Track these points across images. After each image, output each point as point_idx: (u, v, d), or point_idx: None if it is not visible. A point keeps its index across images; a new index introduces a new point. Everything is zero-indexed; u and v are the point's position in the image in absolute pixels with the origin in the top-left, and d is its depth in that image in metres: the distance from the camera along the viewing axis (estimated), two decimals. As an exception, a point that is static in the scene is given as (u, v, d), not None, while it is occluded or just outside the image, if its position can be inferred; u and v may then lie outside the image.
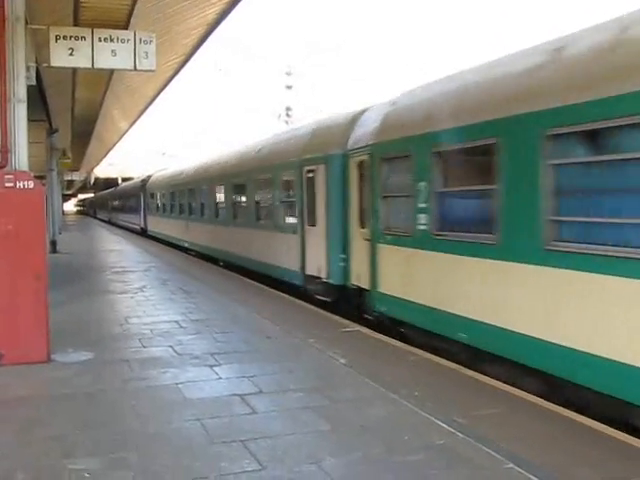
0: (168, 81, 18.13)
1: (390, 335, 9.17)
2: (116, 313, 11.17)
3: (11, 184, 7.51)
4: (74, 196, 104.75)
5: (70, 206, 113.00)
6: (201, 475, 4.49)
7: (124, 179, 59.33)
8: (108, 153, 45.86)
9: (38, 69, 10.45)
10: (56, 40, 9.41)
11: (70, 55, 9.48)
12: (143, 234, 34.97)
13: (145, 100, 21.67)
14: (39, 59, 10.22)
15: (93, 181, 64.99)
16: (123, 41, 9.71)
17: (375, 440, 5.13)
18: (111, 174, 63.30)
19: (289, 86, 59.50)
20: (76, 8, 10.47)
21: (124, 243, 31.03)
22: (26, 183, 7.58)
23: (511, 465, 4.62)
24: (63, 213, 57.14)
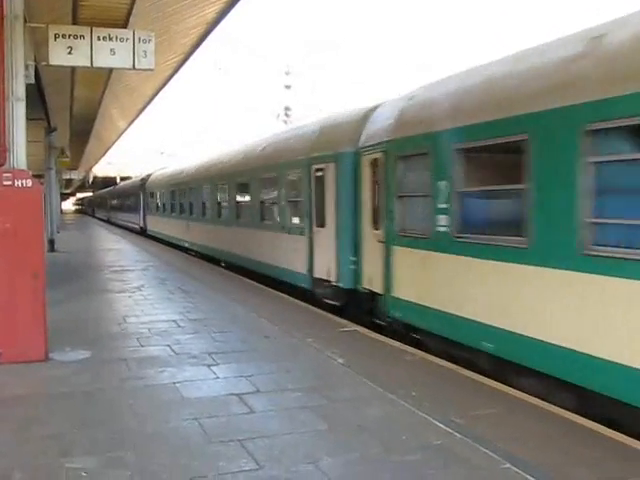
0: (167, 80, 18.11)
1: (404, 342, 8.74)
2: (114, 312, 11.17)
3: (9, 182, 7.51)
4: (72, 195, 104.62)
5: (68, 205, 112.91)
6: (199, 474, 4.50)
7: (122, 178, 59.32)
8: (107, 152, 45.80)
9: (37, 67, 10.48)
10: (55, 39, 9.42)
11: (69, 54, 9.48)
12: (142, 234, 34.70)
13: (144, 99, 21.63)
14: (38, 57, 10.23)
15: (91, 180, 64.97)
16: (122, 40, 9.71)
17: (372, 440, 5.14)
18: (110, 173, 63.33)
19: (288, 86, 59.59)
20: (75, 7, 10.47)
21: (123, 242, 31.00)
22: (24, 182, 7.58)
23: (508, 465, 4.63)
24: (61, 212, 57.06)
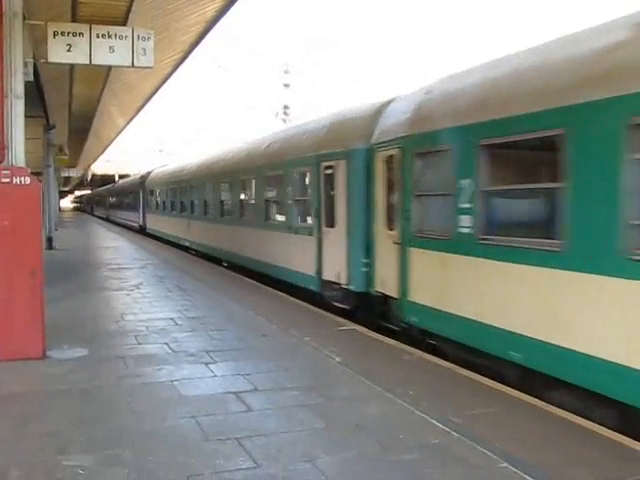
0: (166, 78, 18.07)
1: (420, 348, 8.33)
2: (112, 310, 11.16)
3: (8, 180, 7.50)
4: (71, 193, 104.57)
5: (67, 203, 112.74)
6: (196, 472, 4.49)
7: (121, 176, 59.29)
8: (105, 150, 45.76)
9: (36, 65, 10.46)
10: (54, 36, 9.39)
11: (68, 51, 9.46)
12: (142, 232, 34.46)
13: (143, 97, 21.60)
14: (37, 55, 10.21)
15: (90, 178, 65.00)
16: (121, 37, 9.68)
17: (370, 439, 5.14)
18: (108, 171, 63.32)
19: (287, 84, 59.61)
20: (74, 4, 10.45)
21: (121, 240, 30.98)
22: (23, 179, 7.58)
23: (505, 464, 4.63)
24: (60, 209, 56.99)
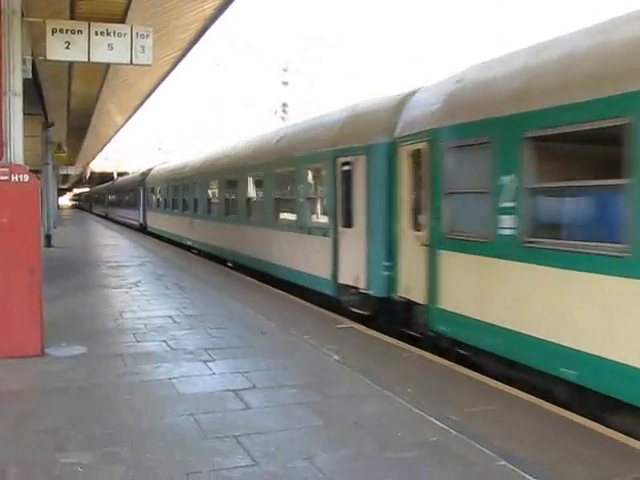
0: (165, 76, 18.04)
1: (448, 358, 7.75)
2: (110, 308, 11.16)
3: (6, 177, 7.49)
4: (69, 190, 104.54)
5: (65, 200, 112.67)
6: (194, 470, 4.49)
7: (120, 174, 59.24)
8: (104, 148, 45.72)
9: (34, 62, 10.44)
10: (52, 33, 9.38)
11: (66, 48, 9.45)
12: (142, 230, 34.06)
13: (141, 95, 21.57)
14: (35, 52, 10.20)
15: (88, 176, 64.94)
16: (120, 35, 9.68)
17: (368, 436, 5.15)
18: (107, 169, 63.28)
19: (285, 82, 59.56)
20: (73, 1, 10.44)
21: (119, 238, 30.96)
22: (21, 176, 7.57)
23: (504, 462, 4.64)
24: (58, 207, 56.96)
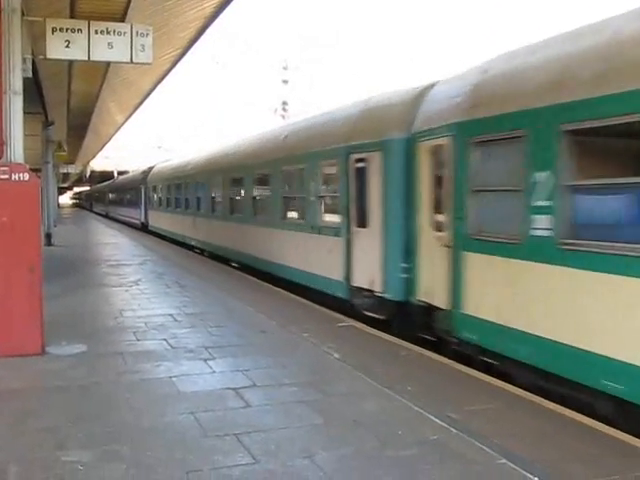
0: (165, 74, 18.05)
1: (472, 366, 7.43)
2: (111, 306, 11.16)
3: (6, 176, 7.50)
4: (70, 189, 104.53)
5: (66, 199, 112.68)
6: (194, 468, 4.50)
7: (120, 172, 59.23)
8: (104, 146, 45.71)
9: (34, 61, 10.43)
10: (52, 32, 9.38)
11: (66, 47, 9.45)
12: (143, 229, 33.76)
13: (141, 93, 21.57)
14: (35, 51, 10.19)
15: (89, 174, 64.93)
16: (120, 34, 9.67)
17: (368, 435, 5.15)
18: (107, 167, 63.29)
19: (285, 80, 59.52)
20: (73, 0, 10.44)
21: (120, 236, 30.96)
22: (21, 175, 7.57)
23: (504, 461, 4.64)
24: (59, 206, 56.95)
